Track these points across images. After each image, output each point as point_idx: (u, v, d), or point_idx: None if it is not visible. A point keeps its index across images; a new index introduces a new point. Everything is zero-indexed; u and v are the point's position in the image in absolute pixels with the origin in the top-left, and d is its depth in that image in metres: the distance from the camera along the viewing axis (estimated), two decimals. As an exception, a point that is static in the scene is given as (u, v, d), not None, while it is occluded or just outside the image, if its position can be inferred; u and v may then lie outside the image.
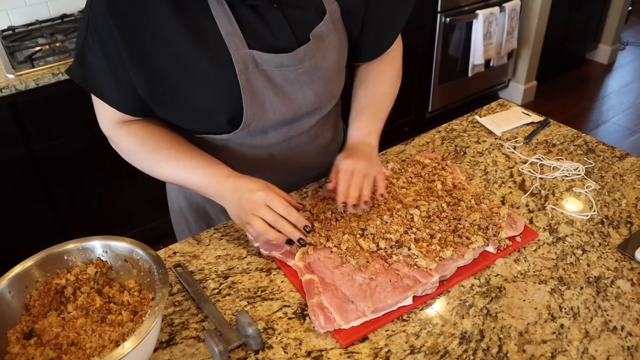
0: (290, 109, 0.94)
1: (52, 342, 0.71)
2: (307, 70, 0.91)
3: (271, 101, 0.90)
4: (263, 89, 0.88)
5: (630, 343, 0.75)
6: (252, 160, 1.00)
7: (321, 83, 0.95)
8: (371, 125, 1.02)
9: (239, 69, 0.85)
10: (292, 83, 0.91)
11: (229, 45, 0.84)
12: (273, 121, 0.93)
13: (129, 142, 0.92)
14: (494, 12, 2.89)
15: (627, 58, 4.17)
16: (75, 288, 0.78)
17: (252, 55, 0.85)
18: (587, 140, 1.22)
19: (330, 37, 0.93)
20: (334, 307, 0.78)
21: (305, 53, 0.89)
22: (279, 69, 0.88)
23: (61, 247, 0.79)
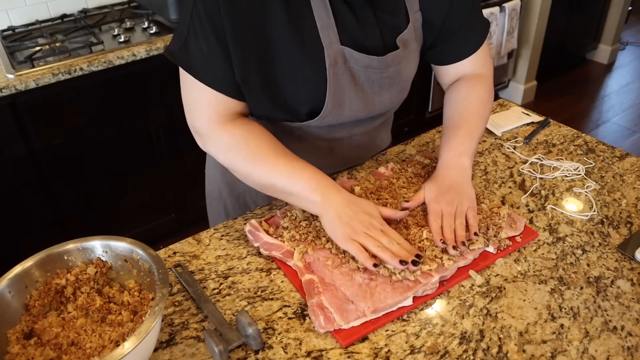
0: (365, 109, 0.96)
1: (52, 342, 0.71)
2: (391, 75, 0.94)
3: (351, 99, 0.92)
4: (346, 85, 0.90)
5: (630, 343, 0.75)
6: (313, 151, 1.03)
7: (398, 89, 0.98)
8: (464, 145, 0.98)
9: (329, 63, 0.87)
10: (373, 84, 0.93)
11: (323, 38, 0.85)
12: (346, 117, 0.96)
13: (233, 136, 0.89)
14: (494, 12, 2.89)
15: (627, 58, 4.17)
16: (75, 288, 0.78)
17: (342, 52, 0.87)
18: (587, 140, 1.22)
19: (412, 45, 0.96)
20: (334, 307, 0.78)
21: (393, 59, 0.92)
22: (365, 69, 0.90)
23: (61, 247, 0.79)
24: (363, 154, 1.15)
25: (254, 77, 0.87)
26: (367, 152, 1.16)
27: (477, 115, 1.01)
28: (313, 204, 0.86)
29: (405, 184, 1.03)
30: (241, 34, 0.83)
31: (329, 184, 0.87)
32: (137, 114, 2.00)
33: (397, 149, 1.21)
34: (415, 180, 1.05)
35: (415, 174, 1.06)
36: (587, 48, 4.03)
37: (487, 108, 1.04)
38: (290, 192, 0.87)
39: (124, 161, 2.07)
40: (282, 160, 0.88)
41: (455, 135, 0.99)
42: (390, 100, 0.99)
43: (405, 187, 1.02)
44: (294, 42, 0.85)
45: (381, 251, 0.81)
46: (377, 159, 1.17)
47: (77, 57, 1.83)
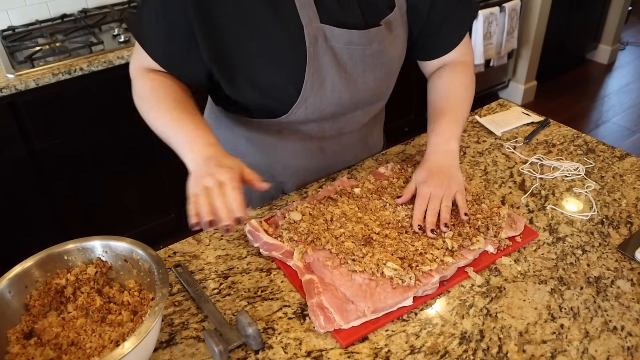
0: (348, 90, 0.94)
1: (52, 342, 0.71)
2: (374, 53, 0.92)
3: (332, 78, 0.91)
4: (327, 65, 0.89)
5: (630, 343, 0.75)
6: (304, 152, 1.03)
7: (382, 71, 0.96)
8: (451, 130, 1.00)
9: (309, 42, 0.86)
10: (356, 63, 0.92)
11: (302, 17, 0.85)
12: (330, 100, 0.94)
13: (145, 86, 0.92)
14: (494, 12, 2.89)
15: (627, 58, 4.17)
16: (75, 288, 0.78)
17: (323, 30, 0.86)
18: (587, 140, 1.22)
19: (398, 30, 0.95)
20: (334, 307, 0.78)
21: (375, 35, 0.91)
22: (347, 47, 0.89)
23: (61, 247, 0.79)
24: (355, 155, 1.14)
25: (231, 59, 0.87)
26: (360, 153, 1.15)
27: (462, 100, 1.03)
28: (185, 159, 0.83)
29: (405, 184, 1.03)
30: (215, 14, 0.83)
31: (203, 140, 0.83)
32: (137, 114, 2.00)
33: (397, 149, 1.21)
34: (415, 180, 1.05)
35: (415, 174, 1.06)
36: (587, 48, 4.03)
37: (471, 93, 1.06)
38: (173, 144, 0.86)
39: (124, 161, 2.07)
40: (175, 112, 0.87)
41: (442, 121, 1.00)
42: (375, 83, 0.97)
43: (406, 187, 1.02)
44: (272, 22, 0.85)
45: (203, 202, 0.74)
46: (377, 159, 1.17)
47: (77, 57, 1.83)
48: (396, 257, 0.85)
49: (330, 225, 0.93)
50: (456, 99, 1.03)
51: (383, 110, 1.17)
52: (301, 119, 0.96)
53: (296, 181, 1.11)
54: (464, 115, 1.03)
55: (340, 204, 0.98)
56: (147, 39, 0.90)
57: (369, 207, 0.97)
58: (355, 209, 0.97)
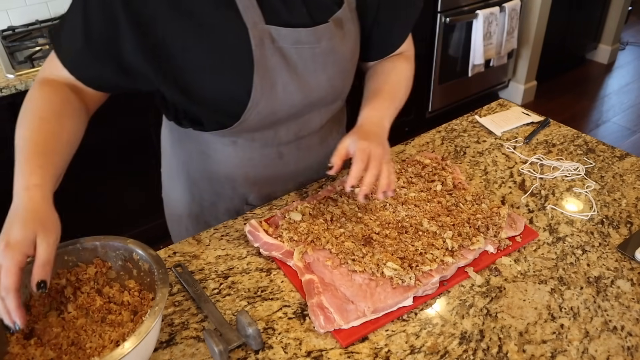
0: (301, 91, 0.91)
1: (52, 342, 0.71)
2: (324, 51, 0.89)
3: (283, 80, 0.88)
4: (276, 66, 0.86)
5: (630, 343, 0.75)
6: (261, 159, 0.98)
7: (336, 69, 0.93)
8: (386, 109, 0.96)
9: (255, 44, 0.83)
10: (306, 63, 0.89)
11: (246, 19, 0.82)
12: (283, 103, 0.90)
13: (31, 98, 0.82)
14: (494, 12, 2.89)
15: (627, 58, 4.17)
16: (75, 288, 0.78)
17: (269, 31, 0.83)
18: (587, 140, 1.22)
19: (348, 26, 0.92)
20: (334, 307, 0.78)
21: (324, 32, 0.88)
22: (295, 46, 0.86)
23: (61, 248, 0.79)
24: (317, 159, 1.07)
25: (173, 64, 0.82)
26: (322, 157, 1.05)
27: (400, 87, 1.02)
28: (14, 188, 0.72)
29: (405, 184, 1.03)
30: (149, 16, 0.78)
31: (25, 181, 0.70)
32: (137, 114, 2.00)
33: (397, 149, 1.21)
34: (415, 180, 1.05)
35: (415, 174, 1.06)
36: (587, 48, 4.03)
37: (409, 84, 1.05)
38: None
39: (124, 161, 2.07)
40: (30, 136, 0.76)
41: (379, 99, 0.98)
42: (328, 82, 0.93)
43: (405, 187, 1.02)
44: (214, 25, 0.81)
45: None
46: (377, 159, 1.17)
47: (77, 57, 1.83)
48: (396, 257, 0.85)
49: (330, 225, 0.93)
50: (394, 84, 1.01)
51: (344, 109, 1.13)
52: (255, 124, 0.92)
53: (258, 191, 1.06)
54: (400, 102, 1.01)
55: (340, 204, 0.98)
56: (62, 46, 0.83)
57: (369, 207, 0.97)
58: (355, 208, 0.97)
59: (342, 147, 0.88)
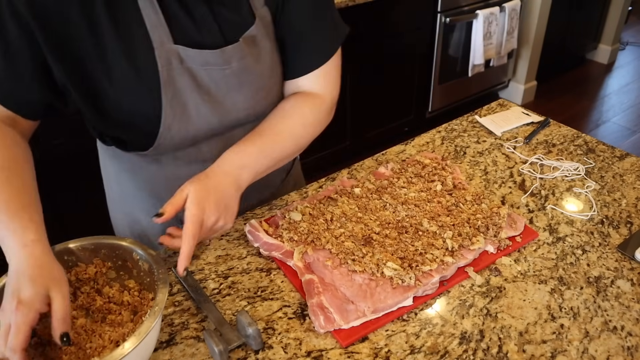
0: (216, 114, 0.86)
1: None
2: (236, 72, 0.84)
3: (195, 102, 0.83)
4: (186, 88, 0.81)
5: (630, 343, 0.75)
6: (188, 177, 0.84)
7: (252, 89, 0.87)
8: (253, 160, 0.86)
9: (162, 65, 0.78)
10: (219, 85, 0.84)
11: (153, 38, 0.77)
12: (198, 126, 0.85)
13: None
14: (494, 12, 2.89)
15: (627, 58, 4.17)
16: (75, 288, 0.78)
17: (177, 51, 0.79)
18: (587, 140, 1.22)
19: (263, 42, 0.87)
20: (334, 307, 0.78)
21: (233, 53, 0.83)
22: (204, 68, 0.82)
23: (61, 247, 0.79)
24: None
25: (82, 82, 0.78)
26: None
27: (289, 136, 0.91)
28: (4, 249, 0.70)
29: (405, 184, 1.03)
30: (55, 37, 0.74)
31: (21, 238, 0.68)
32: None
33: (397, 149, 1.21)
34: (415, 180, 1.05)
35: (415, 174, 1.06)
36: (587, 48, 4.04)
37: (308, 132, 0.93)
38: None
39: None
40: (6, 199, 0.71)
41: (253, 143, 0.87)
42: (246, 103, 0.87)
43: (405, 187, 1.02)
44: (121, 46, 0.76)
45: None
46: (377, 159, 1.17)
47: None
48: (396, 257, 0.85)
49: (330, 225, 0.93)
50: (282, 132, 0.90)
51: None
52: (173, 145, 0.87)
53: None
54: (281, 153, 0.90)
55: (340, 203, 0.98)
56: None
57: (369, 207, 0.97)
58: (355, 208, 0.97)
59: (180, 197, 0.78)
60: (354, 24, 2.46)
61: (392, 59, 2.74)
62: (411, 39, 2.78)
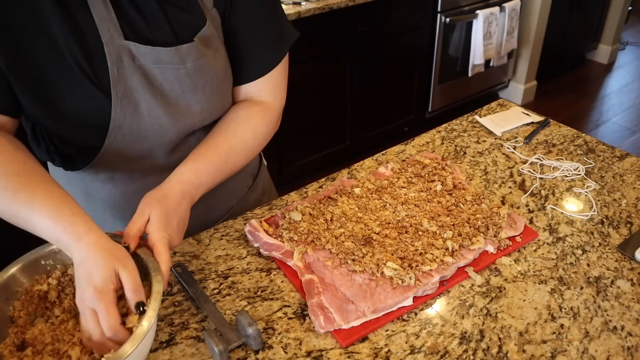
0: (169, 115, 0.83)
1: (48, 348, 0.70)
2: (191, 73, 0.82)
3: (147, 102, 0.80)
4: (137, 86, 0.79)
5: (630, 343, 0.75)
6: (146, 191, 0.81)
7: (207, 92, 0.85)
8: (210, 179, 0.85)
9: (111, 61, 0.76)
10: (172, 85, 0.81)
11: (102, 33, 0.75)
12: (150, 127, 0.83)
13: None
14: (494, 12, 2.89)
15: (627, 58, 4.17)
16: (59, 291, 0.76)
17: (128, 47, 0.77)
18: (587, 140, 1.22)
19: (216, 45, 0.85)
20: (334, 307, 0.78)
21: (188, 52, 0.80)
22: (157, 66, 0.79)
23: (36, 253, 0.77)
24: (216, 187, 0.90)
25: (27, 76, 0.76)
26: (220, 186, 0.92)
27: (241, 149, 0.90)
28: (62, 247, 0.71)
29: (405, 184, 1.03)
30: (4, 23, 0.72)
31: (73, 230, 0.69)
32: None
33: (397, 148, 1.21)
34: (415, 180, 1.05)
35: (415, 174, 1.06)
36: (587, 48, 4.04)
37: (259, 143, 0.93)
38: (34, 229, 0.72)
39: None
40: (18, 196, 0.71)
41: (209, 160, 0.85)
42: (200, 106, 0.85)
43: (405, 187, 1.02)
44: (70, 42, 0.74)
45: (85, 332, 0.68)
46: (377, 159, 1.17)
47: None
48: (396, 257, 0.85)
49: (330, 225, 0.93)
50: (236, 146, 0.89)
51: None
52: (124, 149, 0.84)
53: None
54: (233, 167, 0.90)
55: (340, 203, 0.98)
56: None
57: (369, 207, 0.97)
58: (355, 208, 0.97)
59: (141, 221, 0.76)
60: (354, 24, 2.47)
61: (392, 58, 2.74)
62: (411, 39, 2.78)
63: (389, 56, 2.72)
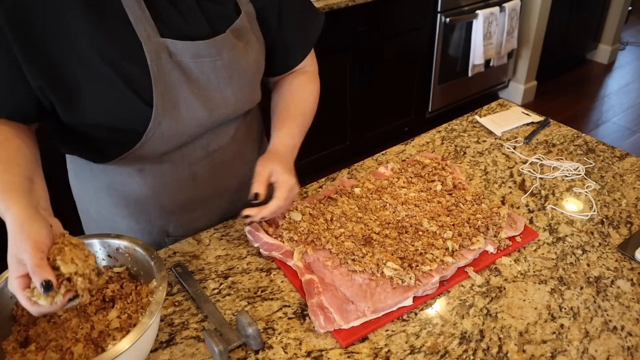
0: (205, 108, 0.85)
1: (52, 344, 0.70)
2: (226, 64, 0.84)
3: (185, 97, 0.82)
4: (176, 82, 0.80)
5: (630, 343, 0.75)
6: (174, 185, 0.88)
7: (241, 83, 0.88)
8: (298, 136, 0.96)
9: (151, 59, 0.77)
10: (209, 78, 0.84)
11: (138, 32, 0.76)
12: (188, 122, 0.85)
13: None
14: (494, 12, 2.89)
15: (627, 58, 4.17)
16: None
17: (165, 45, 0.78)
18: (587, 140, 1.22)
19: (248, 36, 0.88)
20: (334, 307, 0.78)
21: (223, 43, 0.83)
22: (195, 60, 0.81)
23: None
24: (234, 178, 1.00)
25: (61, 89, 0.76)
26: (239, 175, 1.00)
27: (309, 109, 1.02)
28: None
29: (405, 184, 1.03)
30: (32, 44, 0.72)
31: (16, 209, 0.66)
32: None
33: (397, 148, 1.21)
34: (415, 180, 1.05)
35: (415, 174, 1.06)
36: (587, 48, 4.04)
37: (316, 105, 1.04)
38: None
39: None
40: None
41: (293, 123, 0.97)
42: (234, 97, 0.88)
43: (405, 187, 1.02)
44: (107, 42, 0.74)
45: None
46: (377, 159, 1.17)
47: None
48: (396, 257, 0.85)
49: (330, 225, 0.93)
50: (305, 108, 1.00)
51: (257, 118, 1.06)
52: (159, 145, 0.86)
53: (177, 220, 0.99)
54: (307, 127, 1.01)
55: (340, 203, 0.98)
56: None
57: (369, 207, 0.97)
58: (355, 208, 0.97)
59: (264, 175, 0.86)
60: (354, 24, 2.46)
61: (392, 58, 2.74)
62: (411, 39, 2.78)
63: (389, 56, 2.72)
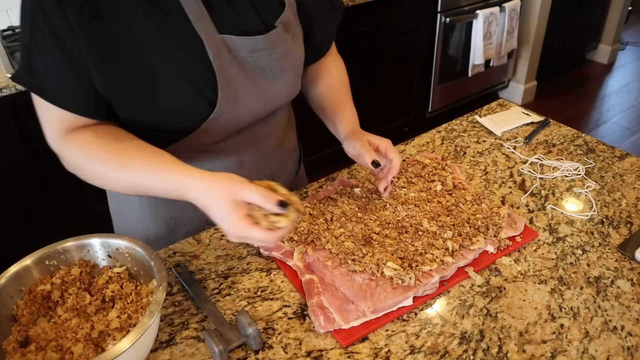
0: (262, 100, 0.88)
1: (52, 344, 0.70)
2: (281, 56, 0.87)
3: (244, 91, 0.85)
4: (235, 77, 0.83)
5: (630, 343, 0.75)
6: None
7: (293, 73, 0.92)
8: (355, 112, 1.04)
9: (213, 55, 0.79)
10: (264, 71, 0.86)
11: (199, 30, 0.78)
12: (243, 113, 0.87)
13: (74, 153, 0.79)
14: (494, 12, 2.89)
15: (627, 58, 4.17)
16: (62, 291, 0.77)
17: (224, 40, 0.80)
18: (587, 140, 1.22)
19: (294, 28, 0.91)
20: (334, 307, 0.78)
21: (277, 37, 0.86)
22: (252, 55, 0.83)
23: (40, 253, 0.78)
24: (275, 165, 1.04)
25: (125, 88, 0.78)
26: (279, 162, 1.06)
27: (349, 92, 1.09)
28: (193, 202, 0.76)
29: (405, 184, 1.03)
30: (101, 45, 0.74)
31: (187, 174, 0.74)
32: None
33: (397, 149, 1.21)
34: (415, 180, 1.05)
35: (415, 174, 1.06)
36: (587, 48, 4.04)
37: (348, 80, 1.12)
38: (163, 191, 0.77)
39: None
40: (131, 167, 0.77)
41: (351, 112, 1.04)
42: (287, 88, 0.92)
43: (405, 187, 1.02)
44: (168, 41, 0.76)
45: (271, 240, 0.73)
46: (377, 159, 1.17)
47: (77, 57, 1.82)
48: (396, 257, 0.85)
49: (330, 225, 0.93)
50: (348, 92, 1.08)
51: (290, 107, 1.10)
52: (212, 138, 0.89)
53: None
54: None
55: (340, 203, 0.98)
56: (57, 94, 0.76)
57: (369, 207, 0.97)
58: (355, 208, 0.97)
59: (368, 146, 0.94)
60: (354, 24, 2.46)
61: (392, 58, 2.74)
62: (411, 39, 2.78)
63: (389, 56, 2.72)
